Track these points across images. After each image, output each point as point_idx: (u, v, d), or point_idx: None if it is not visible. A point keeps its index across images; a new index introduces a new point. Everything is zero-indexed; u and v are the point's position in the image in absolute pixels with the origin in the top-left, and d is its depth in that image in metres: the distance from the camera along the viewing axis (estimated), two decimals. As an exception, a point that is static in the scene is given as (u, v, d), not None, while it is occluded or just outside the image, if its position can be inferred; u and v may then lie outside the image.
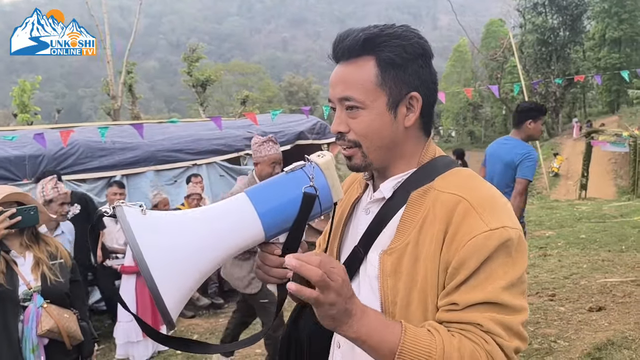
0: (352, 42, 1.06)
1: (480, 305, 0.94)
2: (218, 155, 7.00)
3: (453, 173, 1.08)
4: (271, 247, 1.04)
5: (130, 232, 0.86)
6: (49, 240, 2.65)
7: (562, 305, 4.75)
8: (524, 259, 0.99)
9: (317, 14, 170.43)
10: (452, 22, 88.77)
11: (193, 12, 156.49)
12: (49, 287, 2.47)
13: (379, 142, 1.08)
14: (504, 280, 0.95)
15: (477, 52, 42.18)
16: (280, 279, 1.06)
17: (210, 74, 27.74)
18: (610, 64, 38.07)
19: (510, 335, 0.94)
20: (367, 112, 1.06)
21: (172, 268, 0.88)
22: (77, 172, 5.74)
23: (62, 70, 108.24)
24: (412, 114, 1.08)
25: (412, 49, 1.06)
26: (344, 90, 1.07)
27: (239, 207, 0.98)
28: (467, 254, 0.95)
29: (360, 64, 1.06)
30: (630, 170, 18.20)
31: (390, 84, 1.05)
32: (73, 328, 2.49)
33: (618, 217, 9.38)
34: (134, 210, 0.91)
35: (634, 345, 3.67)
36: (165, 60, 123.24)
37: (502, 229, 0.96)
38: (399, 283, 1.02)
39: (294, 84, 62.48)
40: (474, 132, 49.88)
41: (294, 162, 1.04)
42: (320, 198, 1.01)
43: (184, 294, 0.91)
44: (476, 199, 1.00)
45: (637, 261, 5.93)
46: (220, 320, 5.57)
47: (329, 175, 1.03)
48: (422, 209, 1.04)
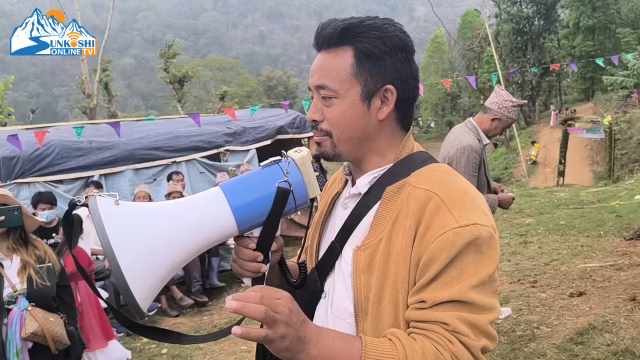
0: (331, 31, 1.05)
1: (448, 304, 0.93)
2: (197, 152, 6.93)
3: (429, 169, 1.07)
4: (246, 240, 1.05)
5: (100, 221, 0.86)
6: (38, 245, 2.64)
7: (543, 292, 4.82)
8: (495, 256, 0.98)
9: (293, 8, 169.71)
10: (428, 13, 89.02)
11: (168, 7, 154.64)
12: (35, 290, 2.45)
13: (350, 133, 1.07)
14: (474, 278, 0.93)
15: (454, 42, 42.44)
16: (254, 273, 1.06)
17: (188, 70, 27.48)
18: (585, 52, 38.69)
19: (477, 334, 0.93)
20: (340, 102, 1.05)
21: (140, 258, 0.88)
22: (53, 173, 5.63)
23: (35, 70, 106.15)
24: (386, 107, 1.07)
25: (391, 41, 1.05)
26: (319, 79, 1.06)
27: (213, 200, 0.98)
28: (436, 250, 0.94)
29: (338, 53, 1.05)
30: (607, 156, 18.56)
31: (365, 75, 1.04)
32: (59, 332, 2.45)
33: (595, 203, 9.54)
34: (107, 200, 0.91)
35: (614, 329, 3.74)
36: (141, 57, 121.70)
37: (472, 226, 0.94)
38: (371, 279, 1.01)
39: (273, 78, 62.23)
40: (452, 123, 50.20)
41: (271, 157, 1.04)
42: (295, 193, 1.01)
43: (153, 284, 0.90)
44: (448, 195, 0.98)
45: (615, 246, 6.03)
46: (204, 319, 5.53)
47: (304, 170, 1.03)
48: (396, 204, 1.03)
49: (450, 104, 49.87)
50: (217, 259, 6.43)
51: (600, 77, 27.58)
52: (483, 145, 3.49)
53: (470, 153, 3.35)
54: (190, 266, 5.99)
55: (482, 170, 3.46)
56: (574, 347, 3.56)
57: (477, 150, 3.37)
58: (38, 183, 5.46)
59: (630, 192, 10.23)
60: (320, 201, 1.34)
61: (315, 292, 1.15)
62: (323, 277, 1.15)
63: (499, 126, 3.53)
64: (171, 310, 5.70)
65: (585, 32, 40.33)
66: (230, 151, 7.27)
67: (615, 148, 17.57)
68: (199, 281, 6.07)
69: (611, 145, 17.58)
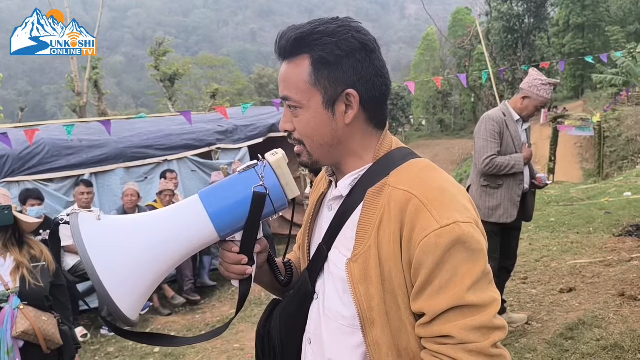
0: (285, 43, 1.06)
1: (449, 313, 0.93)
2: (189, 150, 6.90)
3: (407, 166, 1.06)
4: (229, 244, 1.07)
5: (80, 240, 0.89)
6: (33, 244, 2.64)
7: (534, 288, 4.85)
8: (483, 251, 0.97)
9: (284, 5, 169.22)
10: (419, 11, 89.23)
11: (158, 5, 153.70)
12: (28, 289, 2.44)
13: (320, 141, 1.07)
14: (468, 279, 0.93)
15: (445, 40, 42.57)
16: (240, 275, 1.09)
17: (178, 67, 27.40)
18: (575, 50, 38.94)
19: (485, 334, 0.93)
20: (304, 112, 1.06)
21: (123, 273, 0.90)
22: (43, 171, 5.59)
23: (24, 67, 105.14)
24: (350, 110, 1.06)
25: (346, 45, 1.03)
26: (283, 90, 1.07)
27: (191, 208, 1.01)
28: (421, 254, 0.94)
29: (297, 63, 1.05)
30: (596, 154, 18.71)
31: (324, 82, 1.04)
32: (51, 331, 2.44)
33: (585, 200, 9.62)
34: (89, 216, 0.94)
35: (604, 324, 3.78)
36: (131, 54, 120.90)
37: (453, 225, 0.94)
38: (371, 288, 1.01)
39: (264, 75, 62.01)
40: (444, 121, 50.40)
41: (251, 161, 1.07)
42: (272, 197, 1.03)
43: (139, 294, 0.93)
44: (425, 195, 0.97)
45: (604, 242, 6.09)
46: (197, 317, 5.53)
47: (280, 173, 1.05)
48: (378, 208, 1.02)
49: (441, 101, 49.94)
50: (208, 257, 6.42)
51: (590, 75, 27.78)
52: (513, 120, 3.69)
53: (487, 121, 3.66)
54: (182, 265, 5.96)
55: (507, 142, 3.66)
56: (564, 342, 3.59)
57: (495, 119, 3.65)
58: (28, 182, 5.41)
59: (619, 189, 10.32)
60: (309, 200, 1.35)
61: (308, 293, 1.16)
62: (314, 279, 1.15)
63: (530, 105, 3.69)
64: (163, 309, 5.69)
65: (575, 30, 40.59)
66: (222, 149, 7.25)
67: (604, 146, 17.73)
68: (190, 280, 6.05)
69: (600, 142, 17.74)
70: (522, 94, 3.70)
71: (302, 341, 1.20)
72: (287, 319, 1.20)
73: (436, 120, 50.97)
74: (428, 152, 34.18)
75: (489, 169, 3.64)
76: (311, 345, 1.16)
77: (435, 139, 45.45)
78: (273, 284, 1.26)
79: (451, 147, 37.90)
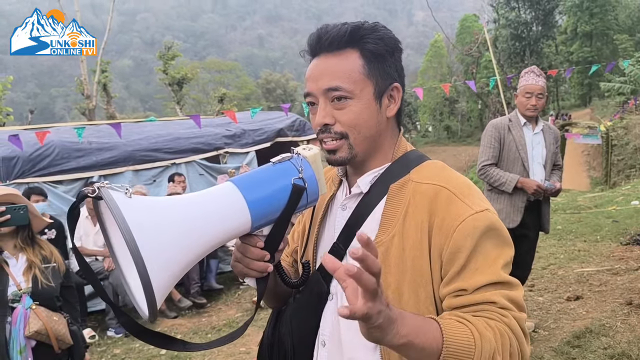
0: (338, 34, 1.06)
1: (489, 286, 0.97)
2: (197, 153, 6.94)
3: (426, 165, 1.12)
4: (254, 239, 1.02)
5: (118, 210, 0.80)
6: (44, 245, 2.66)
7: (540, 296, 4.84)
8: (510, 239, 1.04)
9: (293, 11, 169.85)
10: (427, 18, 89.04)
11: (167, 9, 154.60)
12: (39, 289, 2.47)
13: (367, 132, 1.08)
14: (501, 259, 0.99)
15: (453, 47, 42.56)
16: (260, 273, 1.04)
17: (186, 71, 27.48)
18: (582, 58, 38.83)
19: (518, 307, 0.98)
20: (356, 102, 1.06)
21: (160, 247, 0.83)
22: (53, 173, 5.64)
23: (33, 70, 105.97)
24: (393, 104, 1.11)
25: (390, 42, 1.09)
26: (331, 81, 1.05)
27: (228, 195, 0.95)
28: (460, 237, 0.98)
29: (345, 56, 1.06)
30: (603, 162, 18.61)
31: (375, 74, 1.07)
32: (62, 331, 2.47)
33: (592, 208, 9.58)
34: (120, 193, 0.85)
35: (611, 333, 3.76)
36: (139, 58, 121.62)
37: (486, 211, 1.00)
38: (389, 276, 1.02)
39: (272, 80, 62.26)
40: (450, 127, 50.36)
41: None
42: (308, 190, 1.01)
43: (170, 277, 0.86)
44: (455, 187, 1.03)
45: (612, 250, 6.07)
46: (203, 320, 5.54)
47: (316, 168, 1.03)
48: (402, 200, 1.06)
49: (448, 108, 49.93)
50: (215, 261, 6.44)
51: (598, 83, 27.68)
52: (520, 125, 3.70)
53: (488, 128, 3.76)
54: (188, 267, 5.99)
55: (509, 147, 3.67)
56: (571, 350, 3.58)
57: (496, 125, 3.73)
58: (38, 183, 5.46)
59: (626, 197, 10.27)
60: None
61: (322, 293, 1.14)
62: (329, 279, 1.14)
63: (521, 99, 3.72)
64: (169, 312, 5.71)
65: (583, 38, 40.51)
66: (229, 153, 7.28)
67: (612, 154, 17.64)
68: (197, 283, 6.07)
69: (608, 151, 17.65)
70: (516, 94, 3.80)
71: (314, 344, 1.18)
72: (299, 322, 1.18)
73: (443, 127, 50.93)
74: (434, 158, 33.71)
75: (481, 176, 3.74)
76: (325, 347, 1.14)
77: (441, 145, 45.40)
78: (277, 285, 1.20)
79: (457, 153, 37.82)
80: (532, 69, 3.73)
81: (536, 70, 3.70)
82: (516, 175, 3.59)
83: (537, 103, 3.64)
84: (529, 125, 3.71)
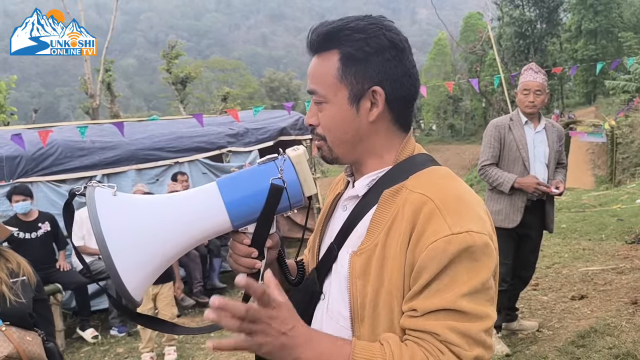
0: (315, 37, 1.07)
1: (439, 312, 0.91)
2: (200, 152, 6.94)
3: (427, 172, 1.05)
4: (240, 236, 1.06)
5: (94, 209, 0.88)
6: (9, 256, 2.40)
7: (545, 295, 4.82)
8: (490, 264, 0.95)
9: (296, 9, 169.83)
10: (431, 16, 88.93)
11: (170, 8, 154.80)
12: (9, 308, 2.24)
13: (342, 136, 1.07)
14: (466, 286, 0.91)
15: (457, 45, 42.45)
16: (249, 269, 1.07)
17: (190, 70, 27.48)
18: (587, 56, 38.63)
19: (469, 343, 0.90)
20: (330, 106, 1.06)
21: (131, 247, 0.89)
22: (56, 172, 5.64)
23: (37, 69, 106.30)
24: (375, 108, 1.05)
25: (375, 42, 1.03)
26: (310, 84, 1.08)
27: (207, 195, 1.00)
28: (427, 258, 0.92)
29: (326, 58, 1.06)
30: (608, 160, 18.54)
31: (350, 78, 1.04)
32: (36, 352, 2.23)
33: (597, 207, 9.54)
34: (105, 191, 0.93)
35: (616, 332, 3.74)
36: (143, 57, 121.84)
37: (465, 233, 0.92)
38: (367, 285, 1.00)
39: (275, 79, 62.24)
40: (454, 125, 50.21)
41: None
42: (289, 191, 1.02)
43: (145, 274, 0.92)
44: (442, 200, 0.96)
45: (616, 249, 6.04)
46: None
47: (300, 169, 1.04)
48: (392, 208, 1.01)
49: (452, 106, 49.80)
50: (218, 260, 6.43)
51: (602, 81, 27.57)
52: (521, 124, 3.66)
53: (489, 127, 3.75)
54: (191, 267, 6.00)
55: (510, 146, 3.63)
56: (576, 350, 3.56)
57: (496, 124, 3.71)
58: (41, 183, 5.47)
59: (631, 195, 10.23)
60: (325, 200, 1.34)
61: (315, 293, 1.15)
62: (322, 279, 1.14)
63: (521, 97, 3.67)
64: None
65: (587, 36, 40.31)
66: (232, 152, 7.28)
67: (617, 152, 17.56)
68: (200, 282, 6.07)
69: (613, 149, 17.58)
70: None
71: None
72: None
73: (447, 125, 50.80)
74: (438, 157, 33.61)
75: (481, 176, 3.73)
76: None
77: (445, 143, 45.31)
78: (282, 282, 1.21)
79: (461, 152, 37.73)
80: (531, 65, 3.69)
81: (534, 67, 3.66)
82: (514, 176, 3.55)
83: (535, 100, 3.58)
84: (530, 123, 3.66)
